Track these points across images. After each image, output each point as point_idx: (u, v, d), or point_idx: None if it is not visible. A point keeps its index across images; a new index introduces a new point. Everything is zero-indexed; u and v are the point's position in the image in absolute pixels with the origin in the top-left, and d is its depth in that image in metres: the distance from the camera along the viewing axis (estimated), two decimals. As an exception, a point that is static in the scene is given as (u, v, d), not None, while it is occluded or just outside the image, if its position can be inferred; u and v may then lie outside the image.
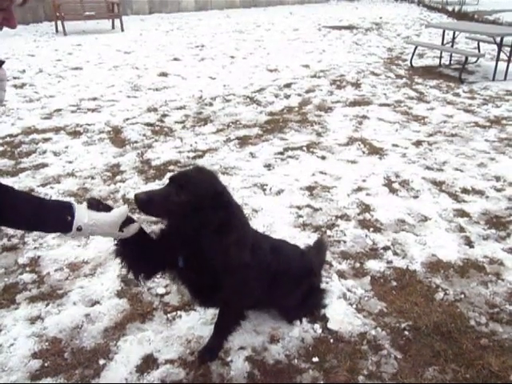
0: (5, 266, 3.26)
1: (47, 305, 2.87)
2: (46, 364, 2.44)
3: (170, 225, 2.06)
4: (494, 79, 8.52)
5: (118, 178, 4.60)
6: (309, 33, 13.59)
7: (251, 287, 2.29)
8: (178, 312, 2.80)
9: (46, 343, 2.57)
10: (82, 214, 1.74)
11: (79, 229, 1.72)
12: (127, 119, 6.29)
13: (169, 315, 2.78)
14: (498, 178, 4.56)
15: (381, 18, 16.63)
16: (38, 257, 3.35)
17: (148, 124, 6.13)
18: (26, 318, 2.75)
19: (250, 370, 2.40)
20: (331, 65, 9.84)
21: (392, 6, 20.88)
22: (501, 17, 16.03)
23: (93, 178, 4.60)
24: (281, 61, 10.08)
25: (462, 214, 3.93)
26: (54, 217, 1.66)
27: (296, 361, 2.46)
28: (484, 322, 2.74)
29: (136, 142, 5.54)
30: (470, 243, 3.52)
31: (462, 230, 3.70)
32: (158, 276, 3.02)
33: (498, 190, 4.33)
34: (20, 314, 2.78)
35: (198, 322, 2.72)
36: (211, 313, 2.68)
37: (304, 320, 2.71)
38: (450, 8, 17.71)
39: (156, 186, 4.42)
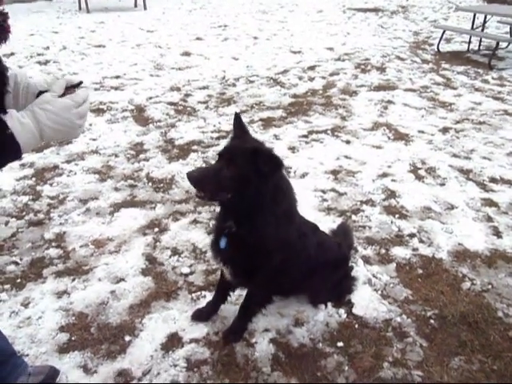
0: (31, 240, 3.31)
1: (73, 280, 2.91)
2: (73, 338, 2.48)
3: (221, 202, 2.05)
4: (525, 66, 8.25)
5: (142, 156, 4.61)
6: (333, 15, 13.30)
7: (289, 272, 2.28)
8: (203, 292, 2.81)
9: (73, 317, 2.61)
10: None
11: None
12: (150, 98, 6.27)
13: (193, 295, 2.79)
14: (528, 168, 4.44)
15: (407, 0, 16.18)
16: (64, 232, 3.39)
17: (171, 103, 6.10)
18: (53, 292, 2.79)
19: (275, 352, 2.41)
20: (356, 48, 9.62)
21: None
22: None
23: (116, 155, 4.62)
24: (304, 43, 9.90)
25: (490, 203, 3.84)
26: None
27: (320, 345, 2.45)
28: (512, 314, 2.69)
29: (159, 120, 5.52)
30: (497, 233, 3.45)
31: (489, 219, 3.62)
32: (182, 255, 3.07)
33: (528, 181, 4.22)
34: (47, 288, 2.83)
35: (223, 303, 2.72)
36: (235, 293, 2.67)
37: (329, 304, 2.69)
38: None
39: (179, 165, 4.43)
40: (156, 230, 3.43)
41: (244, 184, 1.89)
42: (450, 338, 2.52)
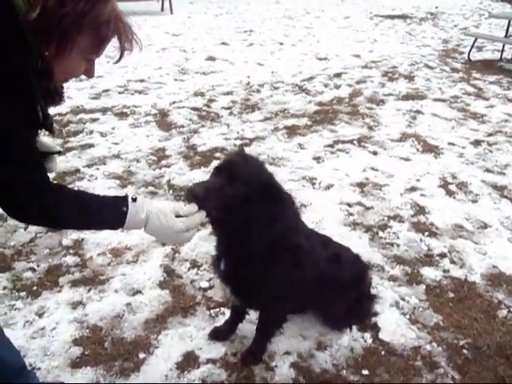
0: (49, 246, 3.25)
1: (89, 290, 2.83)
2: (86, 352, 2.39)
3: (217, 222, 1.92)
4: (561, 77, 7.93)
5: (163, 162, 4.54)
6: (360, 21, 13.11)
7: (294, 288, 2.14)
8: (222, 308, 2.70)
9: (87, 330, 2.52)
10: (139, 201, 1.59)
11: (134, 198, 1.55)
12: (174, 103, 6.22)
13: (212, 311, 2.68)
14: None
15: (437, 7, 15.86)
16: (82, 239, 3.32)
17: (195, 108, 6.03)
18: (68, 303, 2.71)
19: (296, 377, 2.28)
20: (383, 55, 9.43)
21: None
22: None
23: (138, 161, 4.56)
24: (331, 49, 9.76)
25: (527, 223, 3.63)
26: (109, 211, 1.55)
27: (344, 372, 2.31)
28: (553, 347, 2.49)
29: (182, 126, 5.46)
30: (535, 256, 3.24)
31: (526, 240, 3.41)
32: (201, 268, 2.97)
33: None
34: (63, 298, 2.75)
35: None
36: (254, 312, 2.55)
37: (354, 328, 2.55)
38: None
39: (201, 172, 4.33)
40: (175, 240, 3.33)
41: (243, 204, 1.77)
42: (485, 371, 2.34)
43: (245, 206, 1.75)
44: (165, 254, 3.19)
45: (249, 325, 2.53)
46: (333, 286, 2.29)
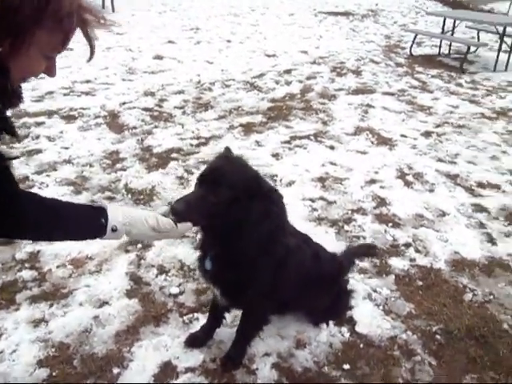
0: (1, 261, 3.02)
1: (51, 306, 2.65)
2: (53, 373, 2.22)
3: (205, 226, 1.86)
4: (495, 70, 8.39)
5: (119, 165, 4.36)
6: (305, 18, 13.28)
7: (281, 286, 2.11)
8: (195, 314, 2.61)
9: (53, 349, 2.36)
10: (115, 213, 1.54)
11: (114, 229, 1.52)
12: (124, 103, 5.99)
13: (185, 318, 2.59)
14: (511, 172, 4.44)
15: (376, 4, 16.36)
16: (38, 251, 3.11)
17: (146, 109, 5.85)
18: (28, 321, 2.53)
19: (278, 379, 2.24)
20: (330, 51, 9.60)
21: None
22: (495, 7, 15.90)
23: (91, 165, 4.35)
24: (278, 46, 9.80)
25: (481, 209, 3.79)
26: (85, 221, 1.45)
27: (326, 368, 2.30)
28: (518, 326, 2.61)
29: (135, 127, 5.27)
30: (491, 240, 3.39)
31: (482, 226, 3.56)
32: (170, 273, 2.87)
33: (514, 185, 4.21)
34: (21, 316, 2.55)
35: (218, 325, 2.53)
36: (231, 315, 2.49)
37: (330, 323, 2.54)
38: (445, -4, 17.53)
39: (159, 174, 4.20)
40: (139, 246, 3.20)
41: (232, 206, 1.73)
42: (458, 354, 2.41)
43: (233, 208, 1.71)
44: (129, 261, 3.05)
45: (225, 329, 2.47)
46: (315, 282, 2.27)
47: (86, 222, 1.46)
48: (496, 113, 6.17)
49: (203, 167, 4.22)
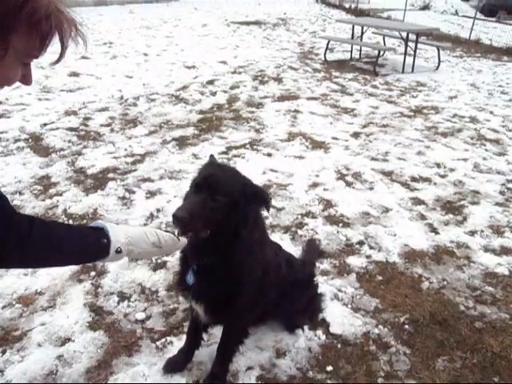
0: None
1: (3, 352, 2.39)
2: (24, 425, 2.01)
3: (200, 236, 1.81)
4: (403, 72, 9.06)
5: (52, 191, 4.07)
6: (218, 28, 13.39)
7: (265, 295, 2.10)
8: (168, 338, 2.50)
9: (17, 399, 2.13)
10: (117, 233, 1.44)
11: (118, 251, 1.42)
12: (45, 124, 5.62)
13: (158, 343, 2.47)
14: (438, 165, 4.80)
15: (285, 13, 16.95)
16: (-23, 293, 2.80)
17: (71, 129, 5.53)
18: (-20, 373, 2.26)
19: (266, 392, 2.21)
20: (248, 60, 9.77)
21: (292, 3, 21.42)
22: (392, 15, 17.19)
23: (20, 193, 4.01)
24: (196, 57, 9.78)
25: (419, 201, 4.06)
26: (84, 243, 1.34)
27: (310, 373, 2.31)
28: (472, 306, 2.82)
29: (62, 149, 4.96)
30: (434, 230, 3.64)
31: (423, 217, 3.81)
32: (132, 299, 2.73)
33: (442, 177, 4.55)
34: (-29, 369, 2.29)
35: (194, 346, 2.45)
36: (207, 333, 2.42)
37: (306, 328, 2.57)
38: (346, 5, 18.63)
39: (99, 196, 3.99)
40: (92, 273, 3.01)
41: (230, 213, 1.72)
42: (427, 340, 2.54)
43: (232, 213, 1.71)
44: (85, 291, 2.86)
45: (202, 349, 2.39)
46: (291, 288, 2.29)
47: (86, 243, 1.35)
48: (413, 111, 6.65)
49: (145, 185, 4.15)
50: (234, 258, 1.81)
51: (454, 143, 5.46)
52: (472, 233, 3.62)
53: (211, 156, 1.95)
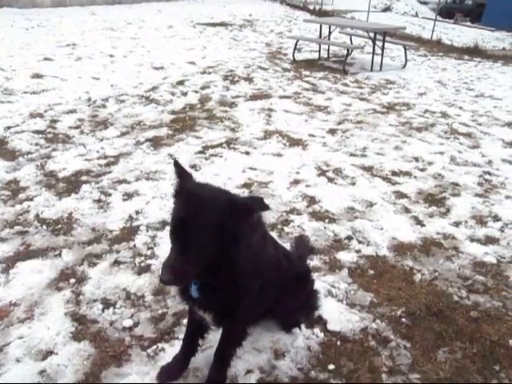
0: None
1: (-21, 370, 2.19)
2: None
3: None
4: (371, 70, 9.16)
5: (22, 196, 3.83)
6: (184, 30, 13.19)
7: (267, 293, 2.00)
8: (159, 345, 2.36)
9: (-2, 421, 1.95)
10: None
11: None
12: (9, 128, 5.32)
13: (149, 351, 2.32)
14: (416, 159, 4.83)
15: (250, 15, 16.90)
16: None
17: (37, 131, 5.26)
18: (-46, 395, 2.06)
19: (268, 395, 2.10)
20: (217, 61, 9.63)
21: (257, 5, 21.34)
22: (356, 15, 17.46)
23: (-13, 199, 3.76)
24: (164, 58, 9.56)
25: (401, 195, 4.05)
26: None
27: (312, 373, 2.22)
28: (465, 296, 2.81)
29: (30, 152, 4.69)
30: (420, 222, 3.63)
31: (407, 210, 3.80)
32: (117, 305, 2.58)
33: (422, 170, 4.58)
34: None
35: (188, 352, 2.31)
36: (203, 339, 2.29)
37: (303, 326, 2.48)
38: (310, 7, 18.80)
39: (73, 200, 3.79)
40: (72, 280, 2.82)
41: (224, 233, 1.61)
42: (426, 332, 2.51)
43: (218, 241, 1.59)
44: (65, 299, 2.67)
45: (197, 354, 2.26)
46: (289, 284, 2.20)
47: None
48: (385, 108, 6.70)
49: (121, 187, 3.97)
50: (235, 271, 1.70)
51: (428, 137, 5.52)
52: (456, 224, 3.63)
53: (175, 162, 1.74)
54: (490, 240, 3.43)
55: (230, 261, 1.65)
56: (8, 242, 3.19)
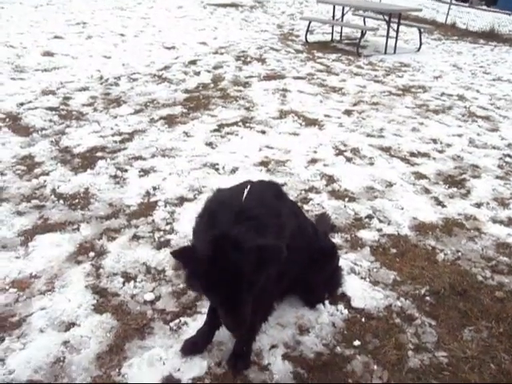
0: None
1: (2, 340, 2.18)
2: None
3: None
4: (385, 53, 9.00)
5: (38, 170, 3.80)
6: (195, 10, 13.01)
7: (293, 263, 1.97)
8: (181, 319, 2.34)
9: (22, 390, 1.93)
10: None
11: None
12: (22, 104, 5.27)
13: (171, 324, 2.30)
14: (434, 141, 4.75)
15: (261, -4, 16.65)
16: (-36, 279, 2.56)
17: (51, 108, 5.21)
18: (-23, 364, 2.04)
19: (294, 370, 2.08)
20: (228, 41, 9.50)
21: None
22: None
23: (2, 173, 3.73)
24: (175, 38, 9.44)
25: (420, 176, 3.99)
26: None
27: (338, 348, 2.20)
28: (489, 276, 2.76)
29: (44, 128, 4.66)
30: (440, 203, 3.57)
31: (427, 191, 3.74)
32: (138, 279, 2.56)
33: (440, 152, 4.50)
34: (-33, 360, 2.06)
35: (211, 326, 2.29)
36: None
37: (327, 303, 2.45)
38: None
39: (89, 176, 3.77)
40: (91, 254, 2.80)
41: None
42: (451, 311, 2.47)
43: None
44: (85, 272, 2.65)
45: (221, 328, 2.23)
46: (315, 258, 2.16)
47: None
48: (401, 90, 6.59)
49: (137, 163, 3.93)
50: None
51: (446, 120, 5.43)
52: (478, 205, 3.57)
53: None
54: (512, 222, 3.37)
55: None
56: (26, 215, 3.17)
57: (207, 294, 1.73)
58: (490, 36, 11.97)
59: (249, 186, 1.90)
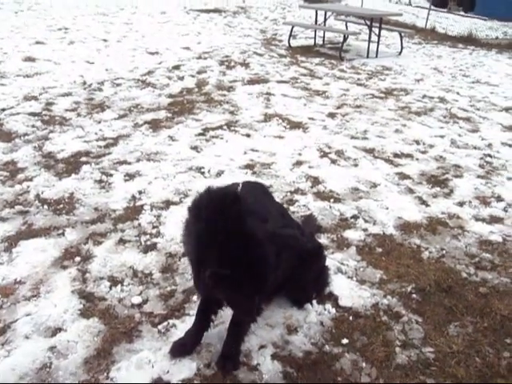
0: None
1: (-14, 346, 2.15)
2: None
3: None
4: (368, 56, 9.11)
5: (21, 176, 3.76)
6: (178, 16, 13.01)
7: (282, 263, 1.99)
8: (169, 321, 2.33)
9: (9, 396, 1.90)
10: None
11: None
12: (3, 109, 5.22)
13: (159, 327, 2.29)
14: (417, 142, 4.82)
15: (244, 1, 16.71)
16: None
17: (33, 114, 5.16)
18: (-38, 371, 2.01)
19: (283, 369, 2.08)
20: (212, 46, 9.52)
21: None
22: (349, 2, 17.32)
23: (-16, 180, 3.68)
24: (159, 43, 9.42)
25: (404, 176, 4.04)
26: None
27: (327, 347, 2.21)
28: (473, 272, 2.81)
29: (26, 134, 4.61)
30: (424, 202, 3.63)
31: (411, 191, 3.79)
32: (125, 283, 2.54)
33: (423, 152, 4.57)
34: (-48, 367, 2.03)
35: (199, 328, 2.28)
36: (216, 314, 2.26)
37: (314, 302, 2.46)
38: (304, -7, 18.62)
39: (74, 180, 3.74)
40: (77, 259, 2.77)
41: None
42: (436, 307, 2.50)
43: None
44: (71, 277, 2.62)
45: (209, 330, 2.23)
46: (302, 258, 2.17)
47: None
48: (383, 93, 6.67)
49: (122, 168, 3.91)
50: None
51: (428, 121, 5.51)
52: (461, 204, 3.64)
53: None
54: (494, 219, 3.43)
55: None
56: (9, 221, 3.13)
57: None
58: (469, 40, 12.19)
59: (241, 185, 1.93)
